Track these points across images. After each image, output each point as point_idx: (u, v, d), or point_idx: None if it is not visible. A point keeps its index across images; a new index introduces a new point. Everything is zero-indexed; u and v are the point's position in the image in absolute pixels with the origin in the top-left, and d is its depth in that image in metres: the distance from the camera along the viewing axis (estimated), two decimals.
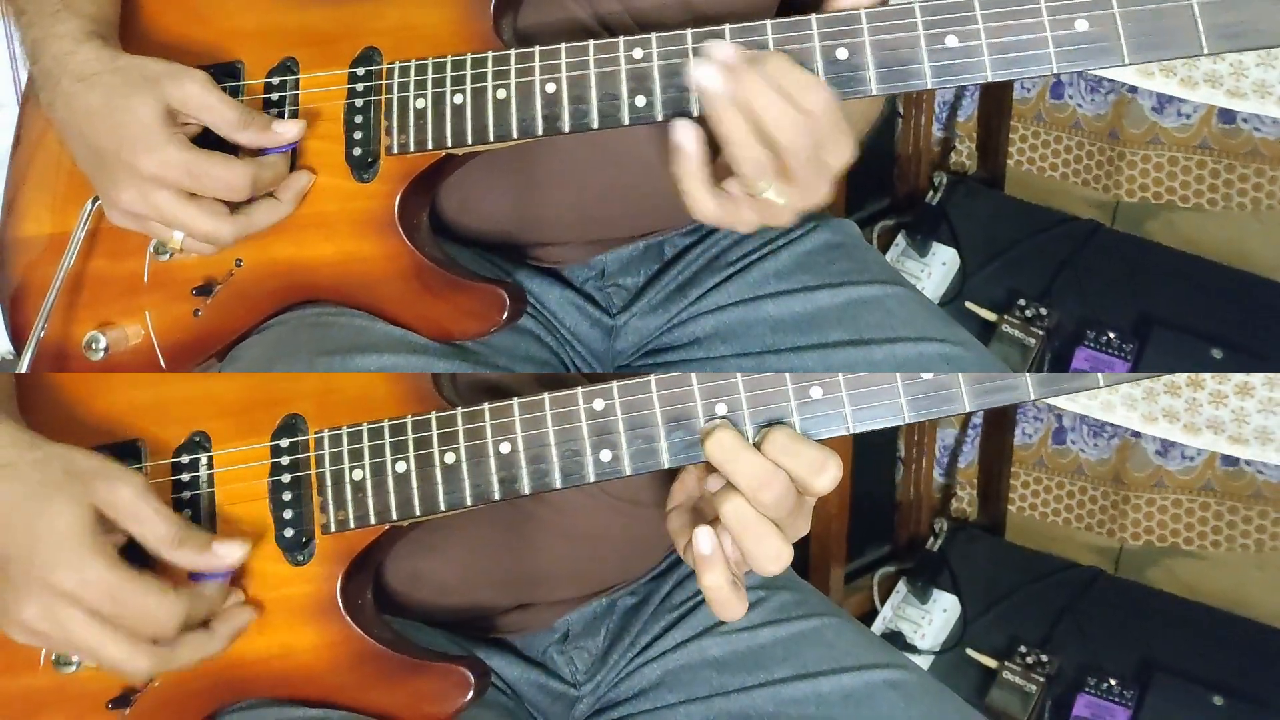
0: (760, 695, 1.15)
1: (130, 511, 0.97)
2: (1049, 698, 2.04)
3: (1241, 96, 2.05)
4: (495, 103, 1.06)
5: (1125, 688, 2.02)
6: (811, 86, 0.97)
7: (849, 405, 0.95)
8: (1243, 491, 2.20)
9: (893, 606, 2.21)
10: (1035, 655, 2.06)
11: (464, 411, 1.00)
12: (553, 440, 0.98)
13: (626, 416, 0.97)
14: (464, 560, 1.13)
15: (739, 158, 0.98)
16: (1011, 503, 2.36)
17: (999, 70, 0.96)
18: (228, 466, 1.05)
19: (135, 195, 1.08)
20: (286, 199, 1.10)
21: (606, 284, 1.26)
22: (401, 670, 1.03)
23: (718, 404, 0.96)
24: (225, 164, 1.07)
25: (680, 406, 0.96)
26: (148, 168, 1.06)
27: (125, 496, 0.97)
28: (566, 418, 0.98)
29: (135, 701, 1.04)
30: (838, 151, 0.99)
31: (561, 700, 1.19)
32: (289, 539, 1.03)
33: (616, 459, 0.97)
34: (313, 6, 1.13)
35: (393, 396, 1.03)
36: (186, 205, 1.07)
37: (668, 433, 0.97)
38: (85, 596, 0.95)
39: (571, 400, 0.98)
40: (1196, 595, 2.17)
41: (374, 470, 1.02)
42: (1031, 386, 0.93)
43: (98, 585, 0.95)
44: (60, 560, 0.95)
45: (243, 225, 1.09)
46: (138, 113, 1.06)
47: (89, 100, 1.08)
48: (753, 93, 0.96)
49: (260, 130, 1.09)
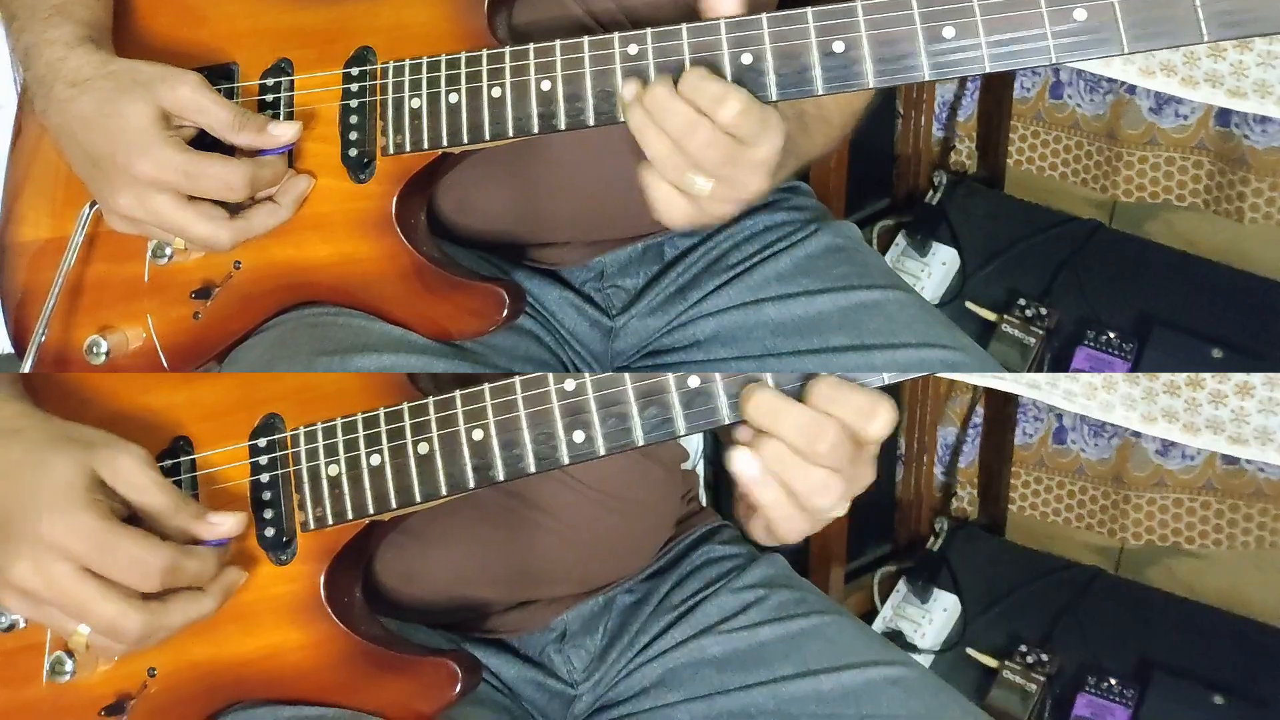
0: (761, 693, 1.15)
1: (130, 480, 0.98)
2: (1049, 697, 2.04)
3: (1242, 96, 2.05)
4: (491, 101, 1.06)
5: (1125, 687, 2.02)
6: (723, 99, 0.98)
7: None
8: (1243, 490, 2.19)
9: (893, 606, 2.21)
10: (1035, 654, 2.06)
11: (435, 400, 1.00)
12: (525, 424, 0.98)
13: (598, 394, 0.97)
14: (459, 559, 1.14)
15: (663, 168, 1.00)
16: (1012, 502, 2.36)
17: (997, 61, 0.96)
18: (209, 469, 1.05)
19: (132, 200, 1.07)
20: (285, 203, 1.10)
21: (606, 285, 1.26)
22: (390, 666, 1.03)
23: (690, 378, 0.95)
24: (222, 163, 1.07)
25: (653, 381, 0.96)
26: (143, 171, 1.06)
27: (126, 465, 0.98)
28: (538, 400, 0.98)
29: (130, 709, 1.04)
30: (763, 149, 1.00)
31: (559, 699, 1.19)
32: (270, 538, 1.03)
33: (590, 439, 0.97)
34: (306, 7, 1.13)
35: (369, 390, 1.03)
36: (184, 209, 1.07)
37: (641, 409, 0.96)
38: (74, 547, 0.94)
39: (542, 382, 0.98)
40: (1197, 595, 2.17)
41: (349, 465, 1.02)
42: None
43: (87, 535, 0.94)
44: (51, 512, 0.95)
45: (241, 230, 1.09)
46: (131, 117, 1.06)
47: (82, 105, 1.08)
48: (667, 112, 0.98)
49: (256, 131, 1.09)
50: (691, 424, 0.96)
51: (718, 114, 0.98)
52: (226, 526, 1.01)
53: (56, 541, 0.94)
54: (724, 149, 0.99)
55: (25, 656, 1.05)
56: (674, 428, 0.96)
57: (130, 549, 0.95)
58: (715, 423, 0.96)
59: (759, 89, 1.00)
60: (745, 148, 0.99)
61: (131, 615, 0.95)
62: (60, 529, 0.94)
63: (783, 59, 0.99)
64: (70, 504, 0.95)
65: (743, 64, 1.00)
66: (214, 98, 1.08)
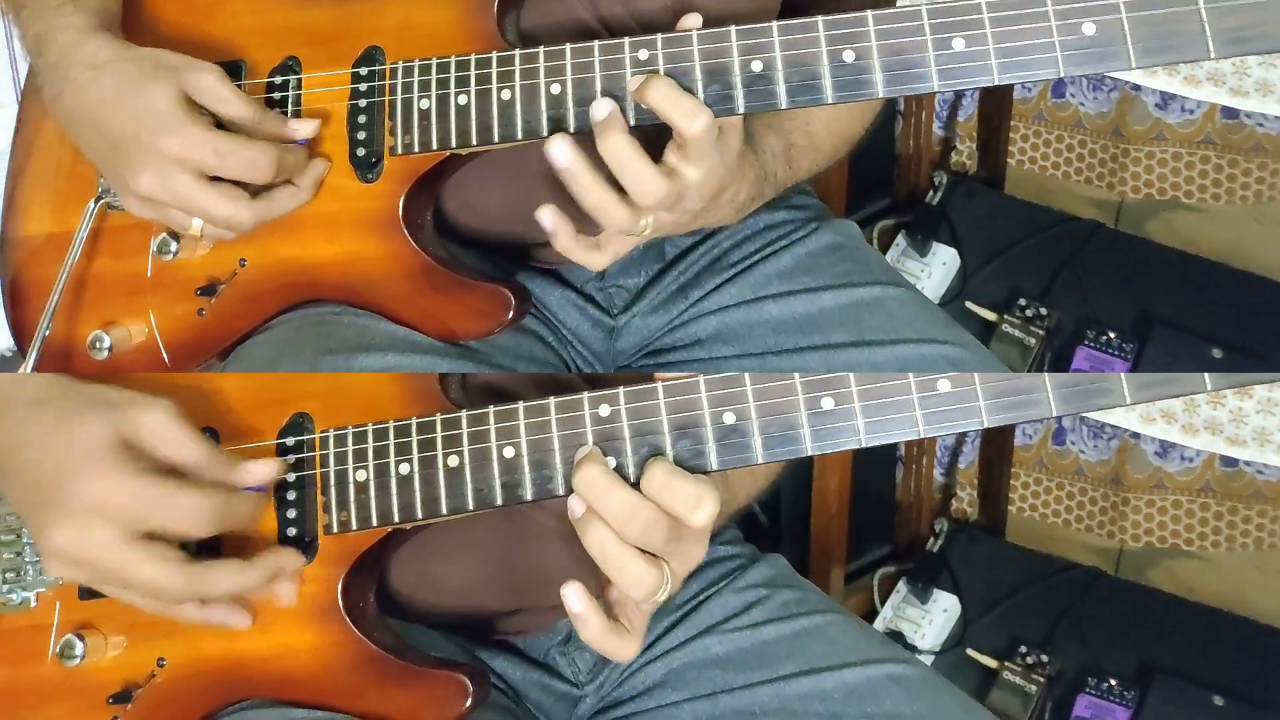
0: (764, 692, 1.15)
1: (160, 434, 0.97)
2: (1049, 698, 2.04)
3: (1244, 95, 2.06)
4: (500, 103, 1.05)
5: (1125, 688, 2.02)
6: (694, 117, 1.01)
7: (861, 418, 0.94)
8: (1242, 491, 2.19)
9: (893, 607, 2.21)
10: (1035, 656, 2.06)
11: (469, 414, 0.99)
12: (557, 445, 0.98)
13: (633, 423, 0.96)
14: (467, 563, 1.13)
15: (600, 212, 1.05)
16: (1012, 503, 2.36)
17: (1005, 73, 0.96)
18: None
19: (155, 179, 1.07)
20: (305, 185, 1.10)
21: (608, 284, 1.26)
22: (400, 676, 1.02)
23: (725, 413, 0.95)
24: (251, 143, 1.07)
25: (688, 414, 0.96)
26: (171, 148, 1.05)
27: (153, 420, 0.97)
28: (572, 423, 0.97)
29: (136, 697, 1.04)
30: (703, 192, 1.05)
31: (564, 700, 1.19)
32: (292, 539, 1.03)
33: (621, 467, 0.96)
34: (314, 5, 1.13)
35: (400, 397, 1.03)
36: (207, 189, 1.07)
37: (674, 441, 0.96)
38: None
39: (577, 405, 0.97)
40: (1196, 596, 2.17)
41: (377, 471, 1.01)
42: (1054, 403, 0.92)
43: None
44: (85, 474, 0.95)
45: (263, 210, 1.09)
46: (156, 98, 1.06)
47: (103, 87, 1.08)
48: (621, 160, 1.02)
49: (276, 126, 1.09)
50: (723, 459, 0.96)
51: (689, 128, 1.01)
52: (262, 472, 1.00)
53: (94, 503, 0.94)
54: (673, 194, 1.03)
55: (34, 636, 1.05)
56: (705, 461, 0.96)
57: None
58: (746, 461, 0.96)
59: (769, 98, 1.00)
60: (683, 178, 1.03)
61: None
62: (96, 491, 0.94)
63: (793, 67, 0.99)
64: (102, 465, 0.95)
65: (753, 71, 1.00)
66: (235, 90, 1.08)
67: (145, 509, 0.94)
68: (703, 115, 1.01)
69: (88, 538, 0.94)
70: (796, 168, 1.20)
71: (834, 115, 1.22)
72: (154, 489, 0.95)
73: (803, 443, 0.95)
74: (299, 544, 1.03)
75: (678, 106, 1.01)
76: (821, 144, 1.22)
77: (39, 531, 0.97)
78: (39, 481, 0.96)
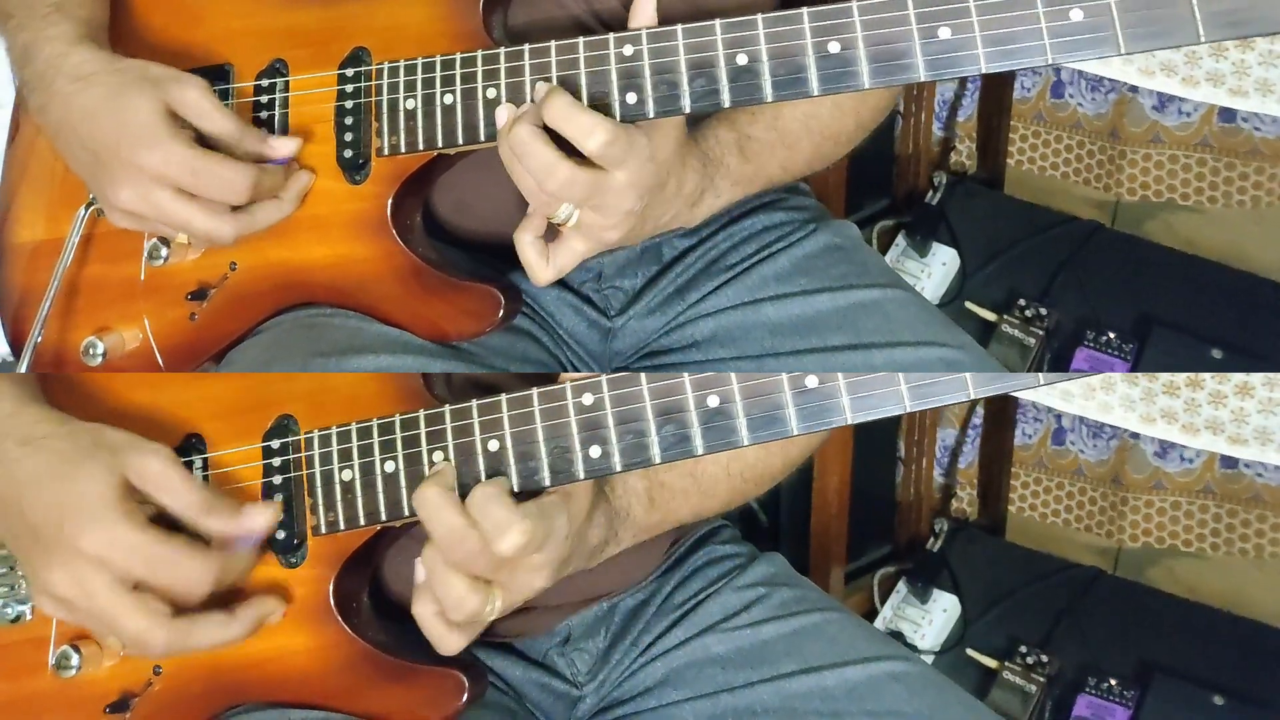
0: (765, 690, 1.15)
1: (159, 481, 0.98)
2: (1049, 698, 2.04)
3: (1244, 95, 2.05)
4: (485, 102, 1.06)
5: (1125, 688, 2.02)
6: (589, 134, 1.01)
7: (846, 395, 0.94)
8: (1241, 495, 2.19)
9: (893, 606, 2.21)
10: (1035, 655, 2.06)
11: (452, 409, 1.00)
12: (541, 437, 0.98)
13: (616, 410, 0.96)
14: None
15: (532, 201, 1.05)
16: (1011, 503, 2.35)
17: (993, 61, 0.95)
18: (222, 469, 1.05)
19: (134, 194, 1.07)
20: (287, 198, 1.10)
21: (604, 286, 1.26)
22: (396, 674, 1.02)
23: (709, 396, 0.95)
24: (229, 164, 1.07)
25: (671, 399, 0.96)
26: (150, 164, 1.06)
27: (155, 467, 0.98)
28: (555, 413, 0.97)
29: (133, 707, 1.04)
30: (623, 174, 1.03)
31: (564, 700, 1.19)
32: (281, 541, 1.03)
33: (606, 455, 0.96)
34: (301, 7, 1.13)
35: (384, 395, 1.03)
36: (186, 204, 1.07)
37: (658, 426, 0.96)
38: (114, 560, 0.96)
39: (560, 395, 0.97)
40: (1196, 596, 2.16)
41: (363, 470, 1.01)
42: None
43: (127, 549, 0.96)
44: (89, 525, 0.95)
45: (244, 224, 1.09)
46: (139, 111, 1.06)
47: (87, 98, 1.08)
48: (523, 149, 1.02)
49: (256, 144, 1.09)
50: (709, 444, 0.96)
51: (585, 144, 1.01)
52: (264, 521, 1.01)
53: (94, 554, 0.95)
54: (585, 183, 1.02)
55: (30, 650, 1.05)
56: (691, 447, 0.96)
57: (175, 560, 0.97)
58: (733, 444, 0.95)
59: (754, 92, 1.00)
60: (607, 174, 1.02)
61: (158, 633, 0.97)
62: (98, 541, 0.95)
63: (778, 60, 0.99)
64: (107, 519, 0.96)
65: (738, 65, 1.00)
66: (219, 105, 1.08)
67: (145, 566, 0.96)
68: (599, 132, 1.01)
69: (84, 585, 0.96)
70: (761, 162, 1.19)
71: (812, 111, 1.20)
72: (157, 547, 0.96)
73: (788, 423, 0.95)
74: (288, 546, 1.03)
75: (573, 123, 1.01)
76: (796, 140, 1.20)
77: (34, 571, 0.98)
78: (35, 524, 0.97)
